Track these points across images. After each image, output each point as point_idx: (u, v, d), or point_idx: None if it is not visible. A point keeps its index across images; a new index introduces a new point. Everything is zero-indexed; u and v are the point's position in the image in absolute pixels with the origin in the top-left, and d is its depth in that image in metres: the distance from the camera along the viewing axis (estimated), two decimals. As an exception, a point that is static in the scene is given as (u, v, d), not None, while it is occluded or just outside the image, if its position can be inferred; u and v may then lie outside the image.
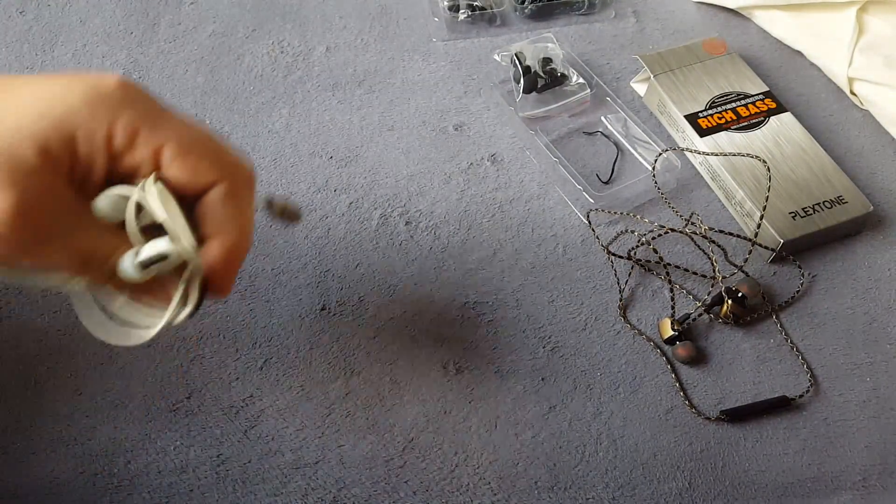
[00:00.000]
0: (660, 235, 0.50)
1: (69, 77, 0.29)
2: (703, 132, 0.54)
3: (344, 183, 0.54)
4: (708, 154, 0.53)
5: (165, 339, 0.46)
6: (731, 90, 0.57)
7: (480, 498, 0.41)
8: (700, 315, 0.47)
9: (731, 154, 0.52)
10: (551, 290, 0.49)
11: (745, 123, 0.55)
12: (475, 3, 0.64)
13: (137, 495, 0.41)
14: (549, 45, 0.59)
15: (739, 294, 0.47)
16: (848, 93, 0.59)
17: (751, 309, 0.48)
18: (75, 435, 0.42)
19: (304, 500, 0.41)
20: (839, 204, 0.50)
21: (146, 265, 0.29)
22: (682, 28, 0.65)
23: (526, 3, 0.65)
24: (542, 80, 0.58)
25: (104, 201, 0.30)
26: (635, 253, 0.49)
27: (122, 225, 0.31)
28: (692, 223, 0.51)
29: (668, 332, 0.46)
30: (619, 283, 0.49)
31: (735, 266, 0.49)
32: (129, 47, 0.62)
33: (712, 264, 0.49)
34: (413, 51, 0.62)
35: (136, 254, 0.30)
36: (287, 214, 0.36)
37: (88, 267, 0.30)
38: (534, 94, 0.58)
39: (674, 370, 0.46)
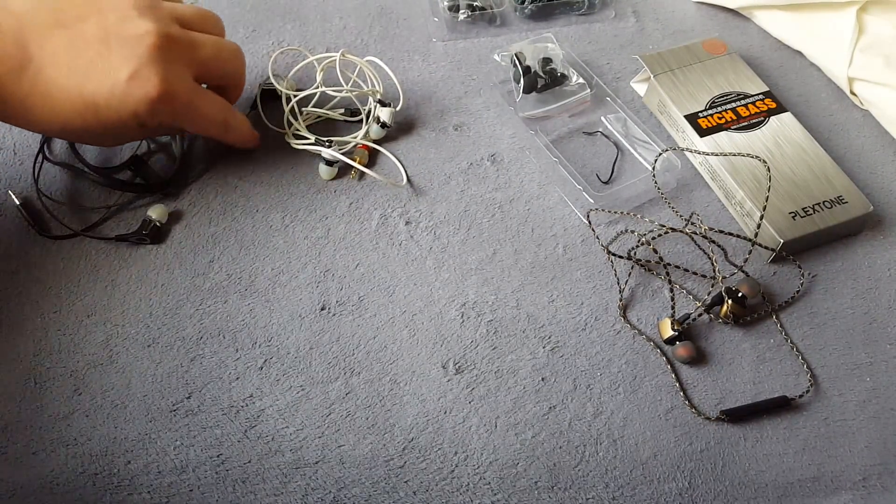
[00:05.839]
0: (660, 235, 0.50)
1: None
2: (703, 132, 0.54)
3: (344, 183, 0.54)
4: (708, 154, 0.53)
5: (165, 338, 0.46)
6: (731, 90, 0.57)
7: (480, 498, 0.41)
8: (700, 315, 0.47)
9: (731, 154, 0.52)
10: (551, 290, 0.49)
11: (745, 123, 0.55)
12: (475, 3, 0.64)
13: (137, 495, 0.41)
14: (549, 45, 0.59)
15: (739, 294, 0.47)
16: (848, 93, 0.59)
17: (751, 309, 0.48)
18: (75, 435, 0.42)
19: (304, 500, 0.41)
20: (839, 204, 0.50)
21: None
22: (682, 28, 0.65)
23: (526, 3, 0.65)
24: (542, 80, 0.58)
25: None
26: (635, 253, 0.49)
27: None
28: (692, 223, 0.51)
29: (668, 332, 0.46)
30: (619, 283, 0.49)
31: (735, 266, 0.49)
32: (129, 47, 0.62)
33: (712, 264, 0.49)
34: (413, 51, 0.62)
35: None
36: None
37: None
38: (534, 94, 0.58)
39: (674, 370, 0.46)
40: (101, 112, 0.44)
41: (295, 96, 0.55)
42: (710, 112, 0.55)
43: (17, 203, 0.50)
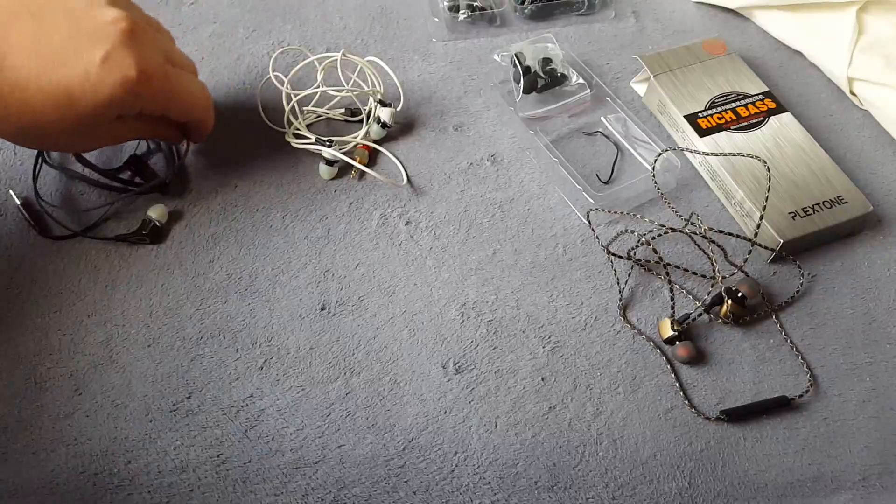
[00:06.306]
0: (660, 235, 0.50)
1: None
2: (702, 132, 0.54)
3: (344, 183, 0.54)
4: (708, 154, 0.53)
5: (166, 338, 0.46)
6: (730, 90, 0.57)
7: (480, 498, 0.41)
8: (700, 315, 0.47)
9: (730, 154, 0.52)
10: (551, 290, 0.49)
11: (745, 123, 0.55)
12: (475, 4, 0.64)
13: (137, 495, 0.41)
14: (549, 45, 0.59)
15: (739, 294, 0.47)
16: (848, 93, 0.59)
17: (751, 309, 0.48)
18: (76, 435, 0.42)
19: (304, 500, 0.41)
20: (839, 204, 0.50)
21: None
22: (682, 28, 0.65)
23: (526, 3, 0.65)
24: (542, 81, 0.58)
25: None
26: (635, 253, 0.49)
27: None
28: (692, 223, 0.51)
29: (668, 332, 0.46)
30: (619, 283, 0.49)
31: (735, 266, 0.49)
32: (129, 47, 0.62)
33: (712, 264, 0.49)
34: (413, 51, 0.62)
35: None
36: None
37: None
38: (534, 94, 0.58)
39: (674, 370, 0.46)
40: (75, 101, 0.41)
41: (296, 95, 0.55)
42: (709, 112, 0.55)
43: (18, 203, 0.50)
